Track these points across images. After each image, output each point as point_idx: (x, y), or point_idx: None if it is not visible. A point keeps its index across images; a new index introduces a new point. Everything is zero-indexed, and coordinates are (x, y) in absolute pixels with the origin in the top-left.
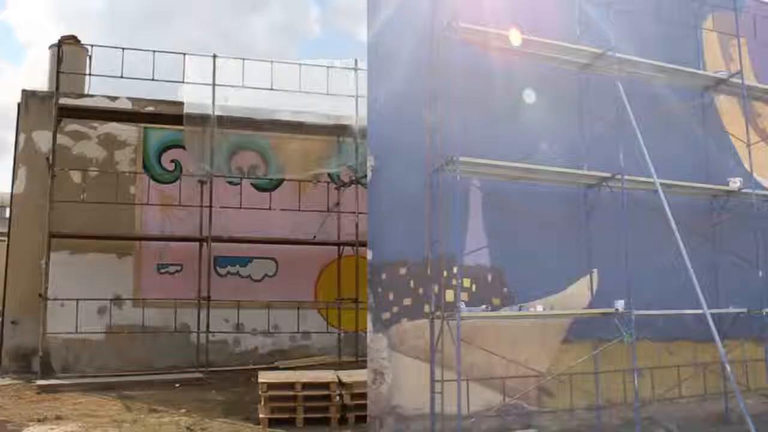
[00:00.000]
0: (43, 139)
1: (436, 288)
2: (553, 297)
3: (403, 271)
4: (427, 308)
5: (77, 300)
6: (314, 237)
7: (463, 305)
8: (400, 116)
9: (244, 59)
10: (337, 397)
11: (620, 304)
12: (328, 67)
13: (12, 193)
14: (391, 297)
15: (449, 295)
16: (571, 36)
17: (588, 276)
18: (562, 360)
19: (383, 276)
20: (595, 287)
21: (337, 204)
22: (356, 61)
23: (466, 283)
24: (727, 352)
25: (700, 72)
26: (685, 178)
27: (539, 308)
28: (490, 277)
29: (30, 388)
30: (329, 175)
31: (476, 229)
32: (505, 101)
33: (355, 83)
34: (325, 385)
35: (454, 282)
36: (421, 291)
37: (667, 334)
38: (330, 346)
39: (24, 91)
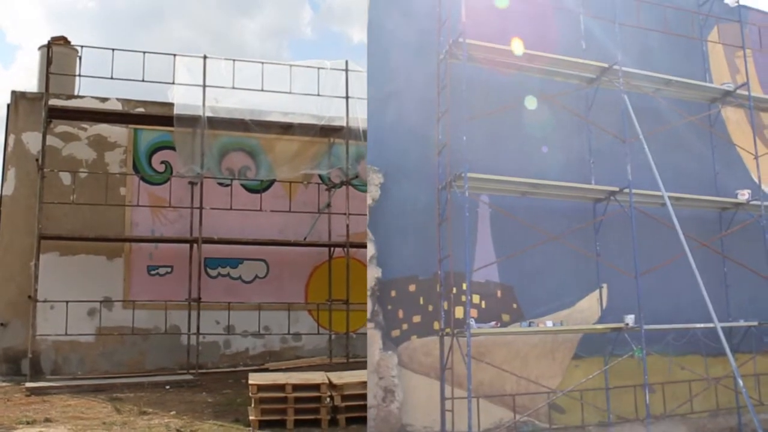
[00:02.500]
0: (32, 141)
1: (445, 305)
2: (563, 312)
3: (412, 288)
4: (436, 325)
5: (67, 302)
6: (305, 238)
7: (472, 322)
8: (407, 134)
9: (234, 60)
10: (328, 399)
11: (630, 319)
12: (318, 68)
13: (1, 194)
14: (400, 314)
15: (459, 311)
16: (577, 51)
17: (597, 291)
18: (573, 376)
19: (392, 293)
20: (604, 302)
21: (328, 205)
22: (347, 62)
23: (476, 299)
24: (738, 365)
25: (707, 84)
26: (694, 191)
27: (549, 324)
28: (499, 293)
29: (19, 391)
30: (320, 176)
31: (485, 244)
32: (512, 117)
33: (346, 85)
34: (316, 387)
35: (463, 298)
36: (430, 308)
37: (677, 348)
38: (321, 348)
39: (13, 92)
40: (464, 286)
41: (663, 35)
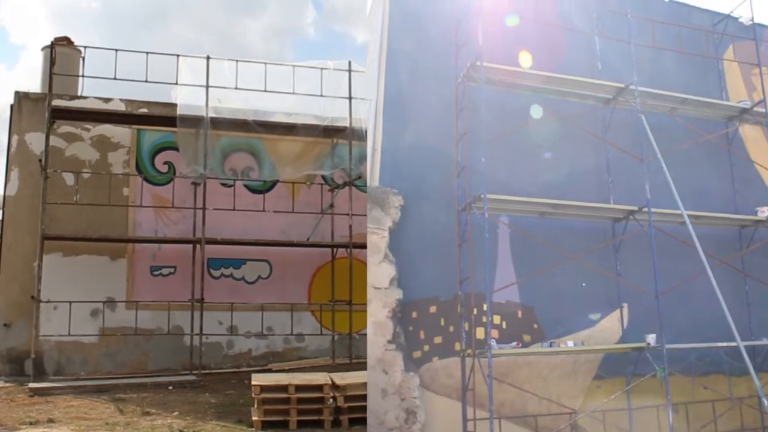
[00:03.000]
0: (35, 141)
1: (466, 325)
2: (584, 332)
3: (433, 309)
4: (458, 346)
5: (70, 302)
6: (308, 239)
7: (493, 342)
8: (426, 156)
9: (237, 61)
10: (331, 400)
11: (651, 339)
12: (321, 68)
13: (4, 194)
14: (421, 336)
15: (480, 332)
16: (593, 71)
17: (618, 310)
18: (595, 396)
19: (414, 314)
20: (625, 321)
21: (331, 206)
22: (350, 62)
23: (497, 320)
24: (763, 384)
25: (723, 102)
26: (713, 209)
27: (570, 344)
28: (520, 314)
29: (22, 391)
30: (323, 177)
31: (505, 265)
32: (529, 137)
33: (349, 85)
34: (319, 388)
35: (484, 319)
36: (451, 329)
37: (700, 367)
38: (324, 348)
39: (17, 93)
40: (485, 307)
41: (678, 54)
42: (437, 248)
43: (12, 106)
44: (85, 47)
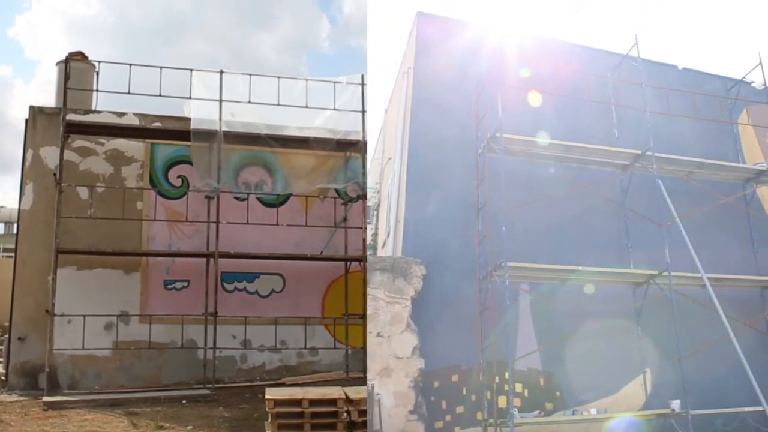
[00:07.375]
0: (50, 155)
1: (488, 394)
2: (607, 399)
3: (455, 378)
4: (480, 415)
5: (84, 316)
6: (321, 252)
7: (516, 411)
8: (448, 225)
9: (251, 75)
10: (345, 414)
11: (676, 404)
12: (334, 82)
13: (19, 208)
14: (443, 405)
15: (502, 401)
16: (611, 139)
17: (641, 376)
18: None
19: (435, 384)
20: (649, 387)
21: (344, 219)
22: (363, 76)
23: (519, 388)
24: None
25: (740, 165)
26: (734, 271)
27: (593, 411)
28: (542, 381)
29: (36, 405)
30: (336, 190)
31: (527, 332)
32: (550, 205)
33: (362, 99)
34: (333, 402)
35: (506, 387)
36: (473, 398)
37: None
38: (337, 362)
39: (32, 107)
40: (507, 375)
41: (694, 120)
42: (459, 316)
43: (27, 121)
44: (99, 62)
